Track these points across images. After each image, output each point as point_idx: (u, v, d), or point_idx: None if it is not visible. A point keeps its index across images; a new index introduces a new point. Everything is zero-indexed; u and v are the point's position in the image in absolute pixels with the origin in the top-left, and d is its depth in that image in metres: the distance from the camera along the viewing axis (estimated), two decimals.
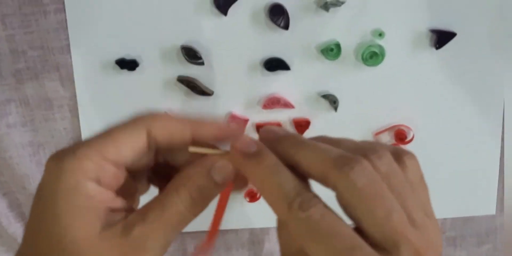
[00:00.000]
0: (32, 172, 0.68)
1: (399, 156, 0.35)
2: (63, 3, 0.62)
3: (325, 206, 0.32)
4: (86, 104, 0.67)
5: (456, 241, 0.75)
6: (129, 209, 0.36)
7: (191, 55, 0.65)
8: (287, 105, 0.68)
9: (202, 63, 0.65)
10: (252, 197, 0.72)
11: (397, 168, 0.34)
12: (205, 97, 0.67)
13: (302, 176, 0.34)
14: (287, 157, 0.34)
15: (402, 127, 0.71)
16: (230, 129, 0.38)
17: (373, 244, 0.31)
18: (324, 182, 0.33)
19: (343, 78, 0.68)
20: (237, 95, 0.68)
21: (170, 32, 0.65)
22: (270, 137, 0.36)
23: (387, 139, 0.71)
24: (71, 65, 0.65)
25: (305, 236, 0.32)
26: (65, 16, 0.63)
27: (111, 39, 0.65)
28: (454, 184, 0.74)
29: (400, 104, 0.70)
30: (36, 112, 0.67)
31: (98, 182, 0.34)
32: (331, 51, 0.66)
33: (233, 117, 0.68)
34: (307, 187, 0.34)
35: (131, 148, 0.35)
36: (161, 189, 0.40)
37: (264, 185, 0.33)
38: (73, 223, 0.33)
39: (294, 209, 0.32)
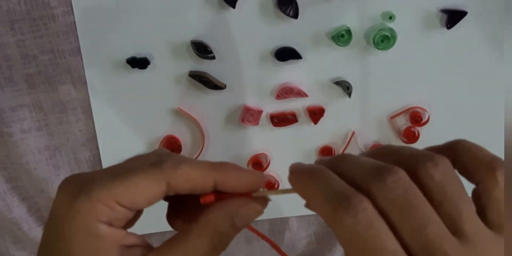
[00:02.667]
0: (50, 176, 0.70)
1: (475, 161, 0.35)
2: (71, 5, 0.63)
3: (374, 210, 0.31)
4: (100, 105, 0.68)
5: None
6: (143, 243, 0.37)
7: (202, 49, 0.66)
8: (300, 94, 0.70)
9: (213, 57, 0.67)
10: (271, 188, 0.74)
11: (453, 175, 0.33)
12: (218, 91, 0.69)
13: None
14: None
15: (417, 109, 0.72)
16: (253, 176, 0.38)
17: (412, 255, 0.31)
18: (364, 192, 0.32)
19: (355, 63, 0.70)
20: (249, 87, 0.70)
21: (179, 28, 0.66)
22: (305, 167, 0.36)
23: (402, 122, 0.73)
24: (83, 67, 0.66)
25: (350, 245, 0.31)
26: (74, 18, 0.64)
27: (121, 38, 0.66)
28: None
29: (414, 86, 0.72)
30: (50, 116, 0.68)
31: (110, 223, 0.35)
32: (342, 37, 0.68)
33: (246, 109, 0.70)
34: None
35: (147, 198, 0.36)
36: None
37: (308, 192, 0.34)
38: None
39: (340, 214, 0.31)
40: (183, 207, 0.41)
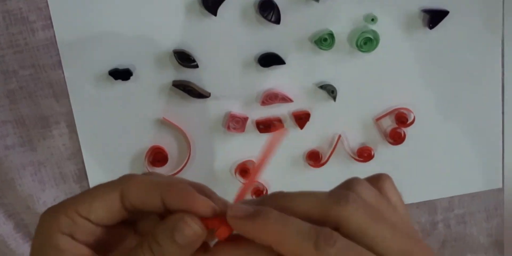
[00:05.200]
0: (35, 192, 0.71)
1: (375, 182, 0.39)
2: (50, 19, 0.64)
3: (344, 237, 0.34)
4: (83, 118, 0.69)
5: (465, 218, 0.80)
6: None
7: (184, 58, 0.68)
8: (285, 99, 0.72)
9: (196, 66, 0.68)
10: (259, 195, 0.76)
11: (380, 197, 0.38)
12: (203, 99, 0.70)
13: None
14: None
15: (403, 110, 0.74)
16: (199, 198, 0.38)
17: None
18: (326, 221, 0.35)
19: (339, 67, 0.72)
20: (234, 94, 0.71)
21: (161, 37, 0.67)
22: (244, 209, 0.37)
23: (388, 123, 0.75)
24: (64, 81, 0.67)
25: None
26: (53, 32, 0.65)
27: (102, 50, 0.67)
28: (458, 162, 0.78)
29: (398, 88, 0.74)
30: (33, 131, 0.69)
31: (72, 236, 0.37)
32: (325, 41, 0.69)
33: (232, 117, 0.71)
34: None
35: (104, 207, 0.38)
36: None
37: (281, 238, 0.34)
38: None
39: (322, 247, 0.33)
40: None
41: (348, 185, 0.38)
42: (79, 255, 0.37)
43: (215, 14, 0.67)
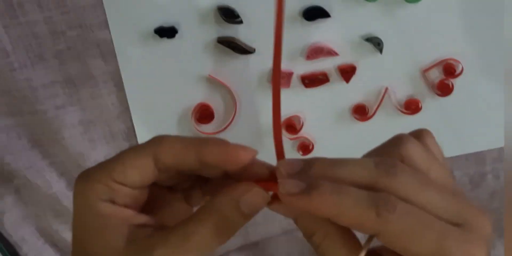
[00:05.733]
0: (85, 150, 0.73)
1: (419, 138, 0.40)
2: None
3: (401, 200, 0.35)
4: (131, 77, 0.70)
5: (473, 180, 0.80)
6: (155, 224, 0.40)
7: (229, 14, 0.68)
8: (330, 53, 0.72)
9: (241, 22, 0.68)
10: (305, 150, 0.77)
11: (429, 154, 0.39)
12: (248, 55, 0.70)
13: None
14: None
15: (450, 61, 0.74)
16: (237, 151, 0.38)
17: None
18: (375, 189, 0.36)
19: (385, 18, 0.71)
20: None
21: None
22: (293, 170, 0.38)
23: (436, 75, 0.74)
24: (111, 40, 0.68)
25: (405, 235, 0.34)
26: None
27: (147, 8, 0.67)
28: (507, 112, 0.77)
29: (446, 38, 0.73)
30: (83, 91, 0.70)
31: (112, 201, 0.38)
32: None
33: None
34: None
35: (138, 171, 0.38)
36: None
37: (340, 211, 0.35)
38: (93, 241, 0.38)
39: (384, 214, 0.34)
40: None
41: (397, 143, 0.39)
42: (123, 217, 0.39)
43: None
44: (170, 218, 0.43)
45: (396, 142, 0.39)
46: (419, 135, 0.41)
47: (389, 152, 0.39)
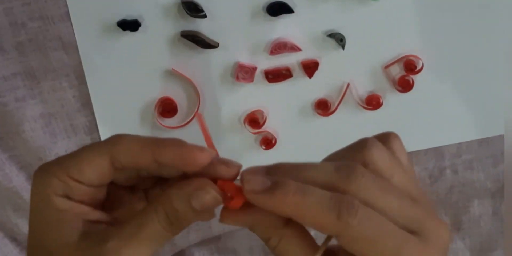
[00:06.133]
0: (46, 143, 0.72)
1: (385, 141, 0.41)
2: None
3: (363, 205, 0.35)
4: (93, 70, 0.70)
5: (472, 164, 0.82)
6: (110, 220, 0.41)
7: (192, 8, 0.68)
8: (294, 48, 0.72)
9: (205, 16, 0.69)
10: (268, 144, 0.77)
11: (392, 158, 0.40)
12: (211, 49, 0.71)
13: None
14: None
15: (411, 57, 0.75)
16: (196, 154, 0.38)
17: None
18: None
19: (348, 15, 0.72)
20: (243, 44, 0.72)
21: None
22: (256, 176, 0.38)
23: (396, 71, 0.76)
24: (73, 33, 0.68)
25: (365, 241, 0.35)
26: None
27: (110, 1, 0.67)
28: (466, 108, 0.79)
29: (407, 35, 0.74)
30: (44, 83, 0.70)
31: (68, 197, 0.39)
32: None
33: (241, 67, 0.72)
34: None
35: (95, 171, 0.39)
36: None
37: (302, 209, 0.35)
38: (47, 235, 0.39)
39: (344, 217, 0.34)
40: None
41: (361, 147, 0.39)
42: (79, 213, 0.39)
43: None
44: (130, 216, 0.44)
45: (360, 146, 0.39)
46: (385, 138, 0.41)
47: (352, 156, 0.39)
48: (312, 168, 0.38)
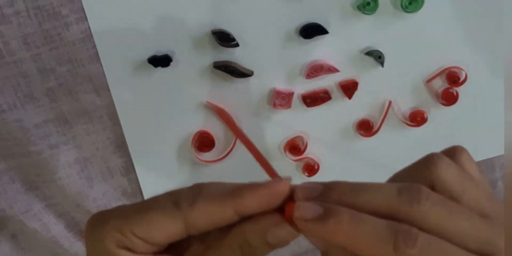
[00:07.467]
0: (83, 189, 0.71)
1: (452, 156, 0.38)
2: (83, 11, 0.63)
3: (423, 232, 0.33)
4: (126, 109, 0.68)
5: None
6: None
7: (224, 38, 0.67)
8: (331, 70, 0.71)
9: (237, 45, 0.67)
10: (311, 171, 0.76)
11: (463, 174, 0.37)
12: (246, 78, 0.69)
13: None
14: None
15: (454, 69, 0.74)
16: (271, 189, 0.37)
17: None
18: (397, 217, 0.35)
19: (384, 31, 0.70)
20: (277, 70, 0.70)
21: (197, 19, 0.66)
22: (312, 194, 0.37)
23: (439, 84, 0.74)
24: (103, 73, 0.66)
25: None
26: (88, 24, 0.64)
27: (138, 38, 0.65)
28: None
29: (447, 47, 0.72)
30: (76, 128, 0.68)
31: (129, 250, 0.37)
32: (368, 5, 0.68)
33: (277, 93, 0.71)
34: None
35: (164, 234, 0.37)
36: None
37: (356, 239, 0.34)
38: None
39: (401, 248, 0.32)
40: None
41: (428, 164, 0.37)
42: None
43: None
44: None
45: (426, 163, 0.37)
46: (452, 153, 0.39)
47: (419, 175, 0.37)
48: (372, 190, 0.36)
